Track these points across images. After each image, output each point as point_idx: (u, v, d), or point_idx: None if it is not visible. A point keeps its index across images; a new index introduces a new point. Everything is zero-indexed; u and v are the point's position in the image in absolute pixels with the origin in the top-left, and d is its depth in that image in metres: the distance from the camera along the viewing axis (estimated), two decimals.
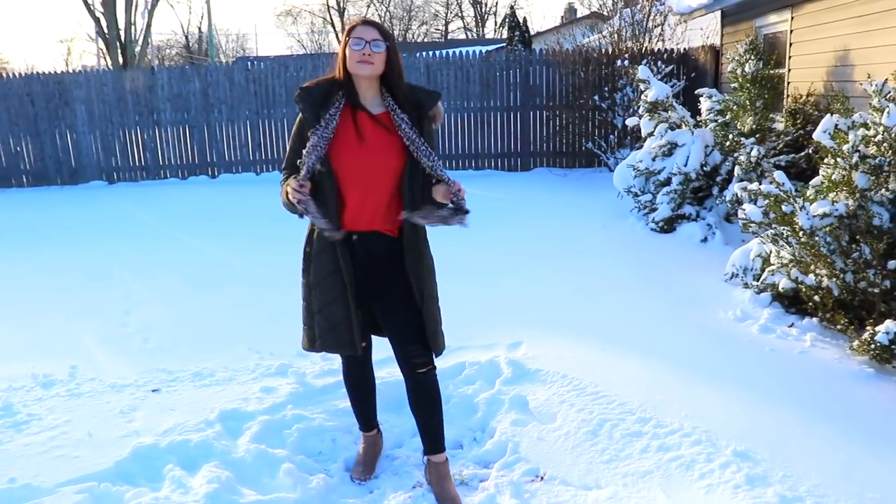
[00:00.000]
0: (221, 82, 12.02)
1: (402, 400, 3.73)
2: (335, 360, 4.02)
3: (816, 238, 4.12)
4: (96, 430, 3.45)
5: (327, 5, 45.57)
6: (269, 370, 4.11)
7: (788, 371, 3.82)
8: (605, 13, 13.34)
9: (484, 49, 14.64)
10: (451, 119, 11.97)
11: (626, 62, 9.76)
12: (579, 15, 30.18)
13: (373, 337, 3.12)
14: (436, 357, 2.98)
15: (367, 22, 2.76)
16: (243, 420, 3.54)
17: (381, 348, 3.11)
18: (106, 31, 24.00)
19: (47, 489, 2.96)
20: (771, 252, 4.80)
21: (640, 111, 7.24)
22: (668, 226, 6.85)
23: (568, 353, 4.15)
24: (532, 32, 28.91)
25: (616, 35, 11.15)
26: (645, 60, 9.82)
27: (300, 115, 2.84)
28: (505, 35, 30.14)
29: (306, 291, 2.93)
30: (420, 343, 2.90)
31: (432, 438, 3.04)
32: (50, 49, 77.52)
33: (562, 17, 34.53)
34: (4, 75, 12.39)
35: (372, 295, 2.92)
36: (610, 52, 11.02)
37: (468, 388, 3.85)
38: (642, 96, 7.13)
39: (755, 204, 4.65)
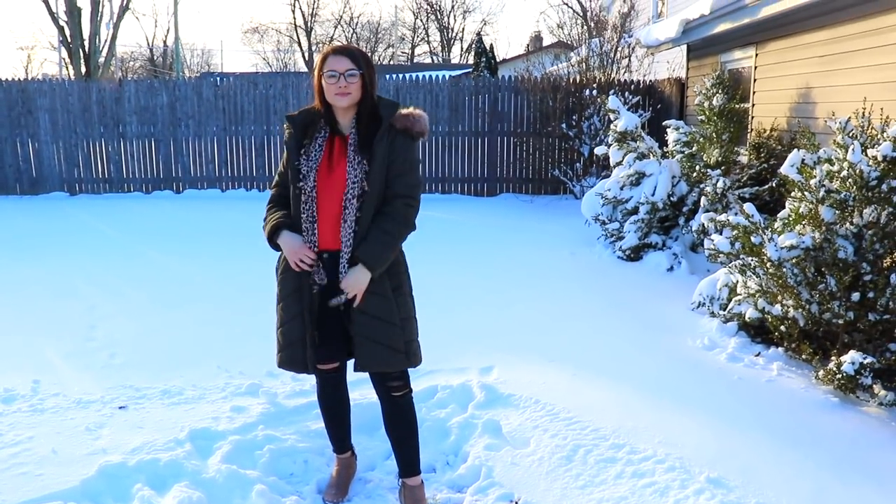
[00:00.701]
0: (189, 97, 11.93)
1: (375, 422, 3.71)
2: (307, 381, 3.99)
3: (784, 269, 4.22)
4: (61, 448, 3.36)
5: (294, 24, 45.58)
6: (240, 389, 4.05)
7: (757, 399, 3.89)
8: (571, 43, 13.57)
9: (450, 74, 14.80)
10: (418, 142, 12.00)
11: (595, 92, 9.94)
12: (545, 44, 30.71)
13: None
14: (412, 368, 2.97)
15: (338, 51, 2.78)
16: (214, 439, 3.48)
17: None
18: (70, 40, 23.66)
19: None
20: (738, 282, 4.90)
21: (608, 140, 7.37)
22: (635, 254, 6.95)
23: (540, 377, 4.17)
24: (498, 59, 29.29)
25: (584, 64, 11.35)
26: (612, 90, 10.00)
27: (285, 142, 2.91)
28: (471, 60, 30.46)
29: (276, 308, 2.99)
30: (393, 366, 2.89)
31: (408, 461, 3.03)
32: (9, 56, 76.01)
33: (527, 45, 35.04)
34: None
35: (344, 319, 2.89)
36: (578, 80, 11.21)
37: (441, 412, 3.85)
38: (612, 126, 7.26)
39: (722, 234, 4.75)
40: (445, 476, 3.36)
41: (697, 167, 6.79)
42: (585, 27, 14.61)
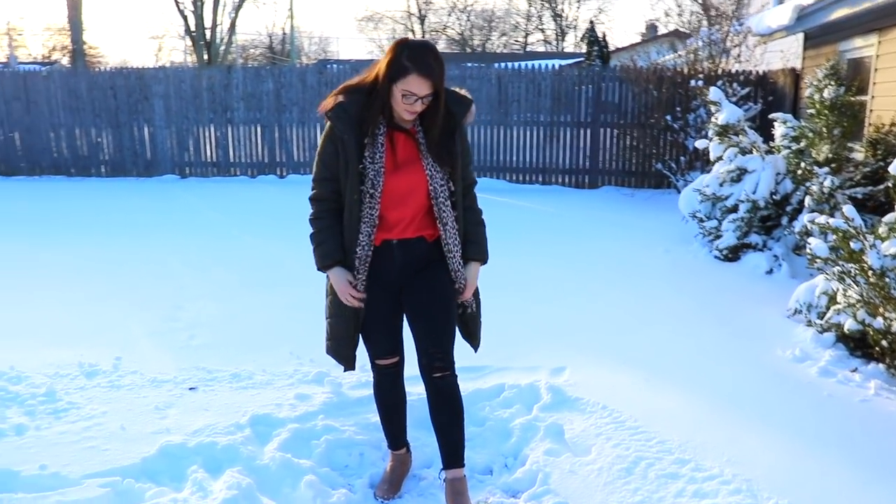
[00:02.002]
0: (294, 84, 12.22)
1: None
2: (370, 373, 3.97)
3: (887, 279, 3.86)
4: (130, 424, 3.48)
5: (408, 12, 45.99)
6: (307, 377, 4.09)
7: (845, 420, 3.57)
8: (687, 31, 12.99)
9: (560, 63, 14.46)
10: (520, 132, 11.90)
11: (701, 82, 9.47)
12: (661, 32, 29.67)
13: (406, 354, 3.08)
14: (475, 351, 3.10)
15: (424, 72, 2.51)
16: (274, 426, 3.52)
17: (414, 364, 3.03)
18: (193, 29, 24.82)
19: (73, 480, 2.98)
20: (838, 290, 4.53)
21: (709, 134, 6.99)
22: (733, 254, 6.58)
23: (611, 382, 3.99)
24: (612, 48, 28.55)
25: (693, 54, 10.84)
26: (721, 81, 9.51)
27: (330, 127, 2.72)
28: (585, 50, 29.85)
29: (326, 298, 3.01)
30: (441, 346, 2.85)
31: (450, 450, 2.92)
32: (142, 45, 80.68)
33: (642, 34, 33.98)
34: (96, 68, 12.90)
35: (405, 298, 2.89)
36: (685, 71, 10.74)
37: (505, 412, 3.74)
38: (712, 119, 6.88)
39: (823, 238, 4.40)
40: (501, 479, 3.26)
41: (804, 164, 6.33)
42: (702, 13, 13.98)
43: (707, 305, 5.49)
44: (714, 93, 6.86)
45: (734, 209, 6.64)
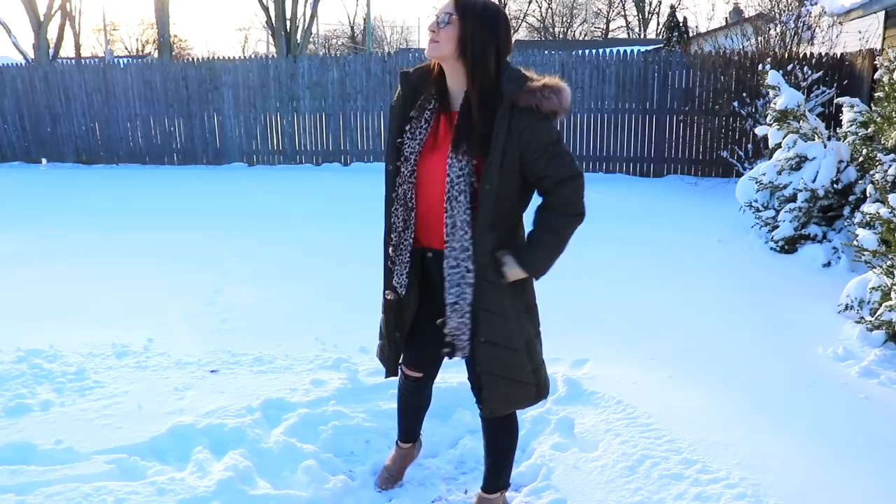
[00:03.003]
0: (358, 73, 12.32)
1: (449, 408, 3.65)
2: None
3: None
4: (147, 404, 3.58)
5: None
6: (327, 363, 4.11)
7: (880, 426, 3.34)
8: (773, 15, 12.32)
9: (640, 49, 14.02)
10: (584, 119, 11.68)
11: (769, 66, 9.04)
12: (747, 16, 28.52)
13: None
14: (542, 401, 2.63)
15: None
16: (284, 410, 3.54)
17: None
18: (273, 20, 25.36)
19: (84, 455, 3.09)
20: (893, 285, 4.25)
21: (768, 120, 6.67)
22: (790, 246, 6.27)
23: (633, 376, 3.86)
24: (694, 33, 27.67)
25: (764, 37, 10.36)
26: (792, 65, 9.05)
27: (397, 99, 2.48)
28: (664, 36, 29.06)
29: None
30: (478, 388, 2.51)
31: (487, 476, 2.74)
32: (230, 36, 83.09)
33: (725, 18, 32.79)
34: (180, 59, 13.33)
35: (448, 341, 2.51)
36: (752, 55, 10.27)
37: None
38: (771, 104, 6.55)
39: (872, 229, 4.13)
40: None
41: (866, 150, 5.95)
42: None
43: (754, 299, 5.24)
44: (773, 76, 6.53)
45: (792, 199, 6.31)
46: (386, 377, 2.81)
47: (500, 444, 2.67)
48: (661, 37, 39.28)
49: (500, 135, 2.22)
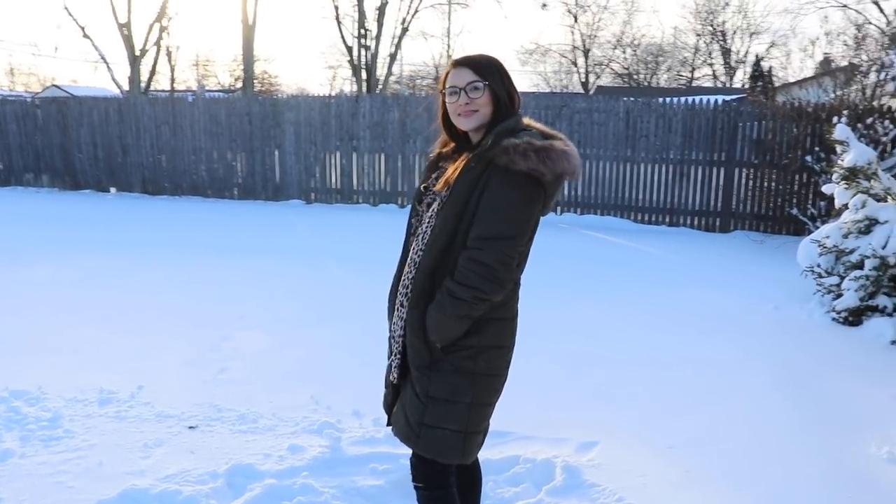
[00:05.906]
0: (420, 114, 12.20)
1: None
2: (381, 429, 3.63)
3: None
4: (109, 461, 3.37)
5: (573, 46, 45.31)
6: (312, 426, 3.82)
7: None
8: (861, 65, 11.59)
9: (723, 98, 13.41)
10: (648, 169, 11.21)
11: (844, 119, 8.41)
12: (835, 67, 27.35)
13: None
14: (428, 457, 2.30)
15: (459, 63, 2.23)
16: (251, 479, 3.27)
17: None
18: (355, 60, 25.85)
19: None
20: None
21: (834, 178, 6.10)
22: (854, 318, 5.65)
23: (643, 468, 3.41)
24: (780, 83, 26.74)
25: (841, 87, 9.71)
26: (873, 118, 8.40)
27: None
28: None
29: None
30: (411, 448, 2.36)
31: None
32: (318, 74, 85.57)
33: (815, 69, 31.59)
34: (265, 96, 13.54)
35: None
36: (828, 106, 9.62)
37: (508, 490, 3.28)
38: (839, 161, 6.00)
39: None
40: None
41: None
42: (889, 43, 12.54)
43: (802, 378, 4.69)
44: (840, 130, 5.98)
45: (859, 265, 5.72)
46: (387, 425, 2.46)
47: None
48: (747, 86, 38.11)
49: (467, 180, 2.14)
